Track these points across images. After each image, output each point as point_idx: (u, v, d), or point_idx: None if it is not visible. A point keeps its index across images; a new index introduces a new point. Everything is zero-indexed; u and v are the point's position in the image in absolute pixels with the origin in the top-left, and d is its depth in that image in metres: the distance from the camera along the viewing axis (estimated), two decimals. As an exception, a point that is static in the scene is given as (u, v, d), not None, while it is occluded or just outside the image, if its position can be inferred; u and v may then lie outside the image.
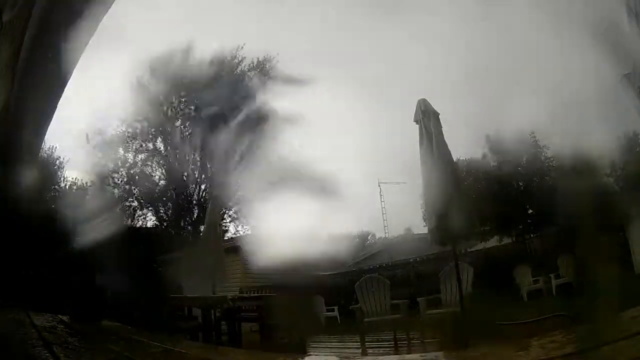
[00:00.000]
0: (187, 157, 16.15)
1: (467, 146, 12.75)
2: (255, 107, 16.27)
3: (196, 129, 16.33)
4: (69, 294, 6.24)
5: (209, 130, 16.34)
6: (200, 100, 16.02)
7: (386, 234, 17.70)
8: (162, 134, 15.88)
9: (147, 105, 15.45)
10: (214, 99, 16.22)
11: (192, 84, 15.85)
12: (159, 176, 16.13)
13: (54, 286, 6.27)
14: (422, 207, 12.52)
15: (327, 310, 10.54)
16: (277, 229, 14.96)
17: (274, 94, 16.07)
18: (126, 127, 15.65)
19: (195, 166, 16.37)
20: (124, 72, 15.30)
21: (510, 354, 2.93)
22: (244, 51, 15.87)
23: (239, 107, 16.32)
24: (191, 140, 16.34)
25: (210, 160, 16.54)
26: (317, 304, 10.38)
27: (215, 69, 16.07)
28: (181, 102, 16.10)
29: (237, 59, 16.00)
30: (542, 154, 12.86)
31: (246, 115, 16.46)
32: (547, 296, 8.32)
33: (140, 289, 7.45)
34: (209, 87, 16.11)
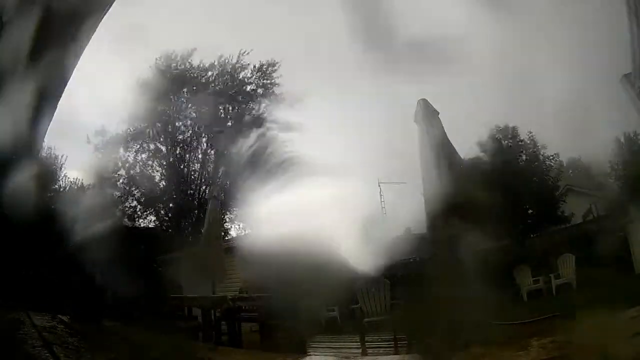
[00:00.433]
0: (187, 157, 16.15)
1: (466, 146, 12.74)
2: (256, 108, 16.28)
3: (197, 130, 16.35)
4: (69, 294, 6.24)
5: (209, 131, 16.36)
6: (201, 101, 16.01)
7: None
8: (163, 134, 15.86)
9: (148, 105, 15.44)
10: (215, 99, 16.22)
11: (194, 85, 15.86)
12: (159, 176, 16.13)
13: (54, 286, 6.27)
14: (421, 207, 12.50)
15: (327, 310, 10.53)
16: (277, 229, 14.97)
17: (274, 95, 16.08)
18: (127, 127, 15.66)
19: (195, 167, 16.36)
20: (124, 73, 15.30)
21: (510, 354, 2.93)
22: (247, 54, 15.87)
23: (240, 107, 16.33)
24: (192, 140, 16.34)
25: (210, 160, 16.55)
26: (317, 304, 10.36)
27: (217, 71, 16.09)
28: (182, 102, 16.10)
29: (240, 62, 15.99)
30: (542, 154, 12.84)
31: (247, 115, 16.46)
32: (547, 296, 8.31)
33: (140, 289, 7.45)
34: (211, 88, 16.12)
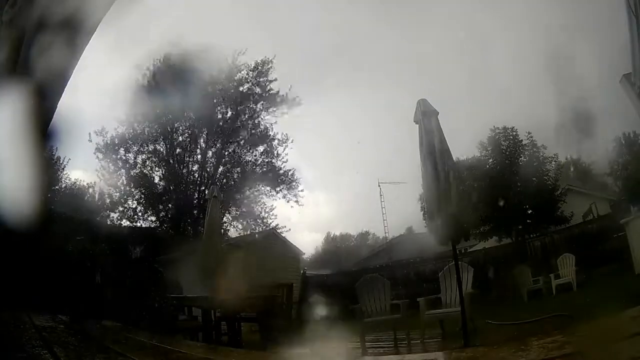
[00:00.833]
0: (187, 158, 16.16)
1: (466, 146, 12.78)
2: (255, 108, 16.30)
3: (197, 131, 16.37)
4: (69, 294, 6.24)
5: (209, 131, 16.37)
6: (199, 101, 16.02)
7: (386, 234, 17.70)
8: (162, 135, 15.89)
9: (148, 107, 15.47)
10: (214, 99, 16.24)
11: (193, 85, 15.87)
12: (159, 177, 16.15)
13: (54, 286, 6.27)
14: (422, 207, 12.54)
15: (327, 310, 10.54)
16: (277, 229, 14.99)
17: (274, 96, 16.10)
18: (127, 129, 15.68)
19: (195, 167, 16.39)
20: (124, 73, 15.34)
21: (510, 354, 2.93)
22: (245, 54, 15.88)
23: (240, 107, 16.35)
24: (192, 141, 16.36)
25: (210, 161, 16.57)
26: (318, 303, 10.38)
27: (215, 72, 16.09)
28: (181, 104, 16.10)
29: (238, 62, 16.00)
30: (541, 154, 12.87)
31: (246, 115, 16.49)
32: (547, 296, 8.31)
33: (140, 289, 7.46)
34: (209, 88, 16.13)
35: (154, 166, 16.06)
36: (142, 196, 15.67)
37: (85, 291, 6.63)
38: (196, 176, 16.27)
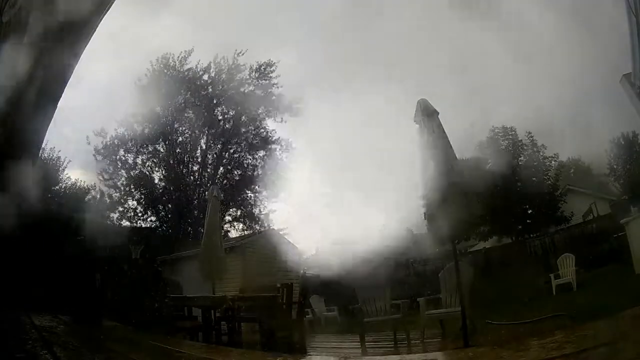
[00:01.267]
0: (186, 158, 16.17)
1: (466, 146, 12.77)
2: (255, 108, 16.30)
3: (197, 131, 16.37)
4: (69, 294, 6.24)
5: (209, 132, 16.38)
6: (199, 102, 16.04)
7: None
8: (162, 135, 15.89)
9: (147, 107, 15.47)
10: (214, 100, 16.25)
11: (192, 86, 15.88)
12: (159, 177, 16.16)
13: (54, 286, 6.27)
14: (422, 207, 12.51)
15: (327, 310, 10.56)
16: (277, 229, 14.98)
17: (274, 96, 16.11)
18: (127, 129, 15.69)
19: (194, 167, 16.39)
20: (125, 75, 15.35)
21: (510, 354, 2.93)
22: (242, 54, 15.90)
23: (240, 107, 16.35)
24: (191, 142, 16.37)
25: (210, 161, 16.58)
26: (318, 303, 10.40)
27: (215, 73, 16.11)
28: (181, 104, 16.12)
29: (237, 62, 16.01)
30: (541, 154, 12.87)
31: (246, 116, 16.49)
32: (547, 296, 8.31)
33: (140, 289, 7.46)
34: (209, 89, 16.14)
35: (154, 166, 16.08)
36: (142, 196, 15.68)
37: (85, 291, 6.62)
38: (196, 176, 16.28)
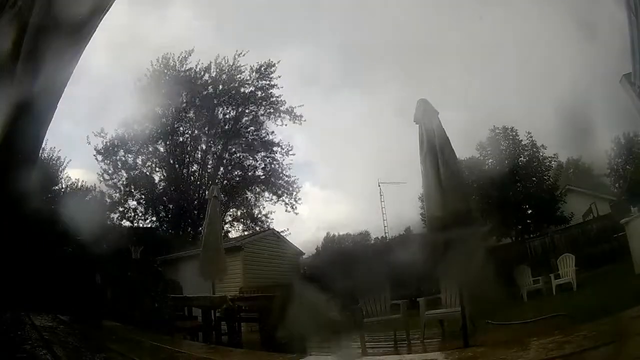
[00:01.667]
0: (187, 158, 16.17)
1: (466, 146, 12.78)
2: (257, 111, 16.31)
3: (197, 132, 16.38)
4: (69, 294, 6.25)
5: (210, 132, 16.38)
6: (200, 102, 16.04)
7: (386, 234, 17.66)
8: (162, 135, 15.89)
9: (147, 108, 15.48)
10: (215, 100, 16.24)
11: (193, 87, 15.88)
12: (159, 178, 16.16)
13: (54, 286, 6.28)
14: (421, 207, 12.53)
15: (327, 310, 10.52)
16: (277, 229, 14.99)
17: (274, 96, 16.11)
18: (126, 130, 15.70)
19: (195, 167, 16.40)
20: (125, 75, 15.36)
21: (510, 354, 2.93)
22: (243, 55, 15.90)
23: (241, 109, 16.35)
24: (192, 142, 16.37)
25: (210, 161, 16.58)
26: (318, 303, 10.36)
27: (216, 73, 16.11)
28: (181, 104, 16.12)
29: (238, 62, 16.01)
30: (541, 154, 12.87)
31: (249, 118, 16.50)
32: (547, 296, 8.30)
33: (140, 289, 7.46)
34: (210, 90, 16.14)
35: (154, 167, 16.08)
36: (143, 197, 15.68)
37: (85, 291, 6.63)
38: (196, 176, 16.28)
